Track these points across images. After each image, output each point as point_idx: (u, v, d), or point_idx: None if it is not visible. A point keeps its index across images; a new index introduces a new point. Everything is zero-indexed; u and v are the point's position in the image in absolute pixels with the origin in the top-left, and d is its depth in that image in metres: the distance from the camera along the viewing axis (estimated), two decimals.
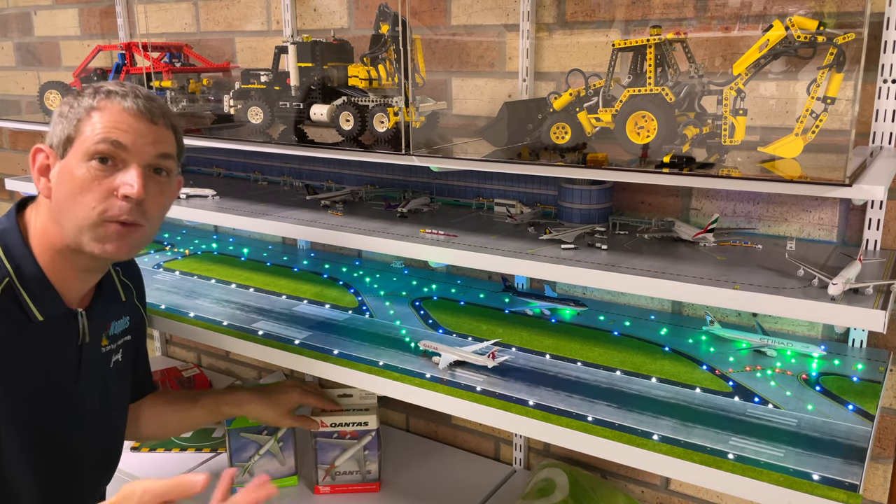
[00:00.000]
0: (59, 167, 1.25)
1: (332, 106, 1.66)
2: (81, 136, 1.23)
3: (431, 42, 1.92)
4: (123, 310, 1.50)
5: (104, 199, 1.22)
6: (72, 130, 1.24)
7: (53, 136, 1.26)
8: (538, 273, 1.41)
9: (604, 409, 1.27)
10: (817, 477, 1.07)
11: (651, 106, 1.29)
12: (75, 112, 1.24)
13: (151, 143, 1.26)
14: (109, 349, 1.44)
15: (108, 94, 1.25)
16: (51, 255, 1.28)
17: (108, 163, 1.23)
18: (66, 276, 1.30)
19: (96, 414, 1.43)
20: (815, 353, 1.47)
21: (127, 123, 1.24)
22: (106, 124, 1.23)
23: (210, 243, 2.36)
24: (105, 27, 2.64)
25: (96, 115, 1.23)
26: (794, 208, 1.56)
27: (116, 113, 1.24)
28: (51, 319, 1.28)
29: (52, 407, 1.32)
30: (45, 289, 1.27)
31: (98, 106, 1.24)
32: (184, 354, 2.84)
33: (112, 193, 1.23)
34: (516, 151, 1.51)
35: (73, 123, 1.24)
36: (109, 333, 1.44)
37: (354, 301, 1.82)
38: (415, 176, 1.98)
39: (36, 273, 1.26)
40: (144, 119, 1.25)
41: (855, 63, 1.14)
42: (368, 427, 1.85)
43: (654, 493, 1.88)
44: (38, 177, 1.28)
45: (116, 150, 1.23)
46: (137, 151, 1.24)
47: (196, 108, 2.05)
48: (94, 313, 1.38)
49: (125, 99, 1.25)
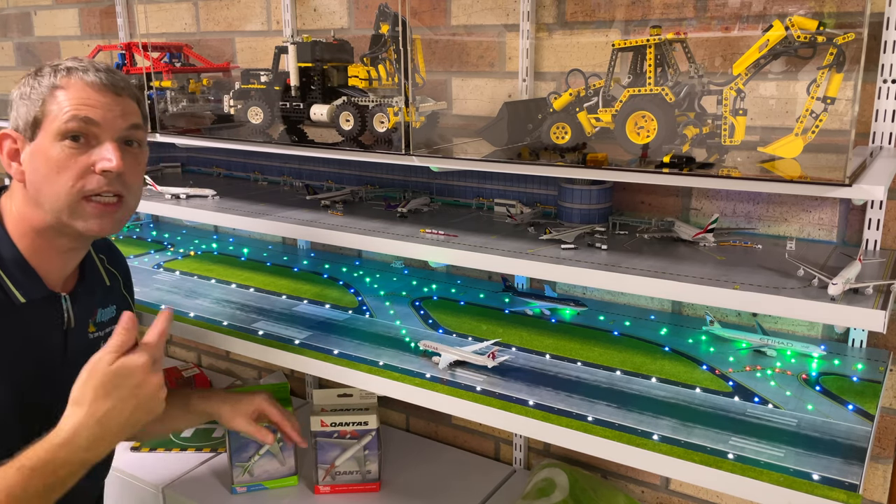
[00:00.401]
0: (30, 150, 1.24)
1: (332, 106, 1.66)
2: (49, 115, 1.22)
3: (431, 42, 1.92)
4: (110, 298, 1.49)
5: (82, 176, 1.23)
6: (38, 111, 1.23)
7: (18, 118, 1.25)
8: (538, 273, 1.41)
9: (604, 409, 1.27)
10: (817, 477, 1.07)
11: (651, 106, 1.29)
12: (38, 92, 1.23)
13: (120, 116, 1.26)
14: (97, 336, 1.44)
15: (68, 70, 1.24)
16: (31, 238, 1.28)
17: (80, 140, 1.23)
18: (46, 258, 1.30)
19: None
20: (815, 353, 1.47)
21: (94, 98, 1.23)
22: (73, 101, 1.22)
23: (210, 243, 2.36)
24: (105, 27, 2.64)
25: (61, 93, 1.22)
26: (794, 208, 1.56)
27: (80, 89, 1.23)
28: (34, 302, 1.29)
29: (42, 391, 1.33)
30: (24, 272, 1.27)
31: (61, 84, 1.23)
32: (184, 354, 2.84)
33: (89, 170, 1.23)
34: (516, 151, 1.51)
35: (37, 104, 1.23)
36: (96, 320, 1.44)
37: (354, 301, 1.82)
38: (415, 176, 1.98)
39: (15, 256, 1.27)
40: (110, 92, 1.25)
41: (855, 63, 1.14)
42: (368, 427, 1.85)
43: (654, 493, 1.88)
44: (9, 162, 1.28)
45: (88, 126, 1.22)
46: (108, 125, 1.24)
47: (196, 108, 2.05)
48: (79, 298, 1.38)
49: (87, 73, 1.24)
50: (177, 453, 2.07)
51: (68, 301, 1.36)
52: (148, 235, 2.49)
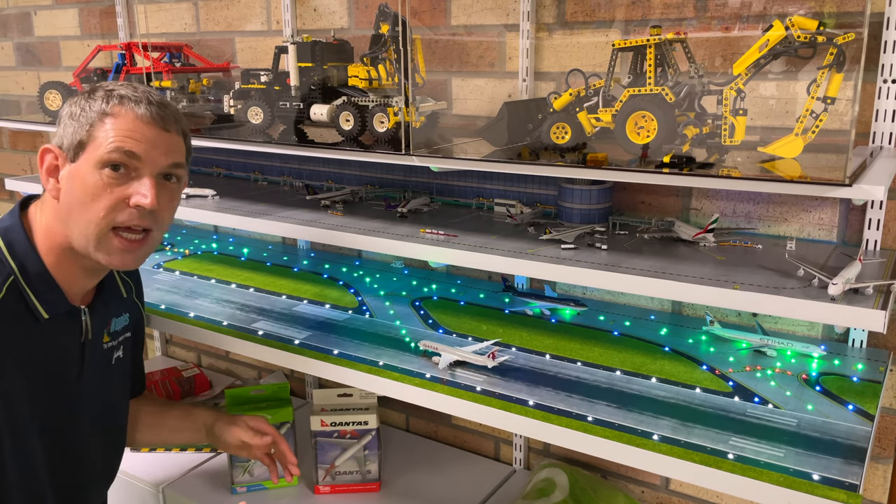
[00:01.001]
0: (70, 170, 1.24)
1: (332, 106, 1.66)
2: (94, 141, 1.21)
3: (431, 42, 1.92)
4: (124, 307, 1.50)
5: (115, 208, 1.22)
6: (84, 135, 1.22)
7: (64, 137, 1.25)
8: (538, 273, 1.41)
9: (604, 409, 1.27)
10: (817, 477, 1.07)
11: (651, 106, 1.29)
12: (87, 116, 1.23)
13: (164, 153, 1.25)
14: (111, 346, 1.45)
15: (121, 99, 1.23)
16: (56, 254, 1.28)
17: (120, 170, 1.22)
18: (70, 274, 1.30)
19: (100, 410, 1.43)
20: (815, 353, 1.47)
21: (140, 132, 1.22)
22: (120, 132, 1.21)
23: (210, 243, 2.36)
24: (105, 27, 2.64)
25: (109, 121, 1.22)
26: (794, 208, 1.56)
27: (130, 121, 1.22)
28: (56, 317, 1.28)
29: (59, 403, 1.33)
30: (49, 287, 1.27)
31: (111, 112, 1.22)
32: (184, 354, 2.84)
33: (124, 202, 1.22)
34: (516, 151, 1.51)
35: (85, 128, 1.22)
36: (110, 330, 1.44)
37: (354, 301, 1.82)
38: (415, 176, 1.98)
39: (41, 271, 1.26)
40: (157, 127, 1.24)
41: (855, 63, 1.14)
42: (368, 426, 1.85)
43: (654, 493, 1.88)
44: (47, 177, 1.27)
45: (130, 159, 1.22)
46: (150, 161, 1.23)
47: (196, 108, 2.05)
48: (96, 310, 1.38)
49: (139, 105, 1.23)
50: (177, 453, 2.07)
51: (87, 314, 1.35)
52: None
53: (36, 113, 2.25)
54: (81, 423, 1.38)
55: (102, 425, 1.45)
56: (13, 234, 1.27)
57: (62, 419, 1.34)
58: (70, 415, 1.36)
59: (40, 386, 1.29)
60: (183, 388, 2.42)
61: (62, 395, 1.33)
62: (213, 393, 2.47)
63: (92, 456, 1.43)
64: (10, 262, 1.24)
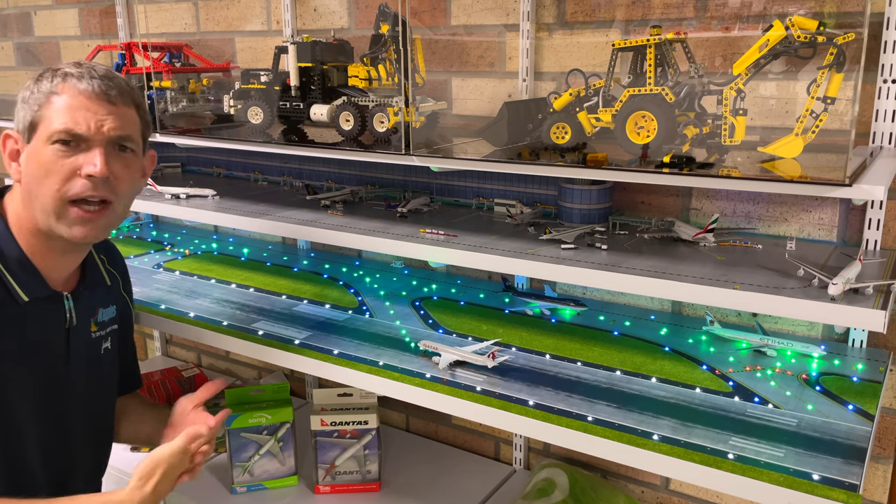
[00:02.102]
0: (27, 151, 1.27)
1: (332, 106, 1.66)
2: (43, 121, 1.25)
3: (431, 42, 1.92)
4: (110, 298, 1.51)
5: (67, 180, 1.24)
6: (34, 116, 1.25)
7: (18, 121, 1.28)
8: (538, 273, 1.41)
9: (604, 409, 1.27)
10: (817, 477, 1.07)
11: (651, 106, 1.29)
12: (36, 97, 1.26)
13: (111, 124, 1.27)
14: (99, 335, 1.46)
15: (64, 76, 1.26)
16: (27, 237, 1.30)
17: (70, 144, 1.24)
18: (46, 257, 1.32)
19: (89, 399, 1.45)
20: (815, 353, 1.47)
21: (84, 106, 1.25)
22: (64, 109, 1.24)
23: (210, 243, 2.36)
24: (105, 27, 2.64)
25: (55, 99, 1.25)
26: (794, 208, 1.56)
27: (73, 96, 1.25)
28: (37, 301, 1.30)
29: (50, 391, 1.34)
30: (27, 270, 1.29)
31: (56, 90, 1.25)
32: (184, 354, 2.84)
33: (75, 173, 1.24)
34: (516, 151, 1.51)
35: (34, 109, 1.26)
36: (98, 320, 1.46)
37: (354, 301, 1.82)
38: (415, 176, 1.98)
39: (18, 255, 1.28)
40: (102, 100, 1.26)
41: (855, 63, 1.14)
42: (368, 426, 1.85)
43: (654, 493, 1.88)
44: (10, 162, 1.31)
45: (76, 133, 1.24)
46: (96, 133, 1.25)
47: (196, 108, 2.05)
48: (80, 297, 1.39)
49: (81, 80, 1.26)
50: None
51: (70, 300, 1.37)
52: (148, 235, 2.49)
53: None
54: (71, 411, 1.40)
55: (92, 414, 1.46)
56: None
57: (52, 406, 1.36)
58: (60, 401, 1.37)
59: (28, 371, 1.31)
60: (183, 388, 2.42)
61: (51, 381, 1.35)
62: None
63: (82, 445, 1.44)
64: None
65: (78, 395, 1.40)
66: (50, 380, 1.35)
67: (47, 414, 1.35)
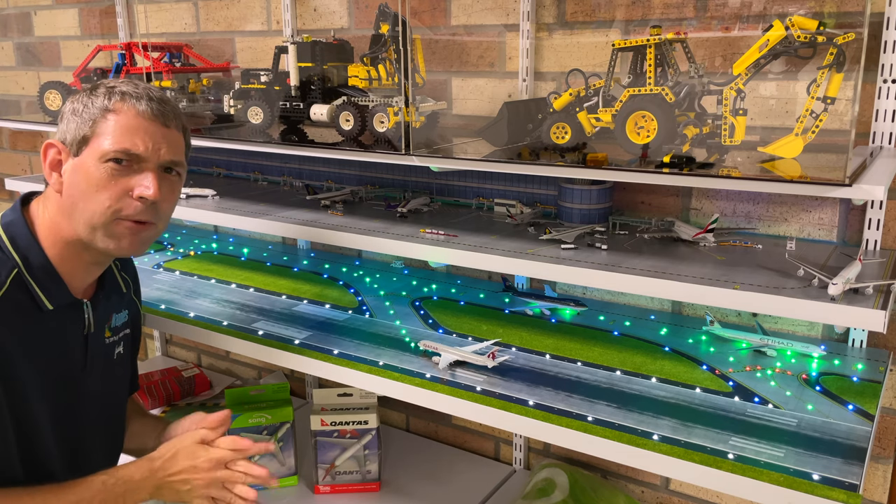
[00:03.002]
0: (73, 164, 1.27)
1: (332, 106, 1.66)
2: (97, 137, 1.25)
3: (431, 42, 1.92)
4: (123, 303, 1.52)
5: (119, 199, 1.26)
6: (87, 130, 1.26)
7: (67, 132, 1.28)
8: (538, 273, 1.41)
9: (604, 409, 1.27)
10: (817, 477, 1.07)
11: (651, 106, 1.29)
12: (90, 112, 1.26)
13: (164, 147, 1.29)
14: (112, 341, 1.47)
15: (122, 95, 1.27)
16: (60, 247, 1.30)
17: (123, 163, 1.26)
18: (73, 267, 1.32)
19: (103, 404, 1.45)
20: (815, 353, 1.47)
21: (142, 128, 1.26)
22: (122, 128, 1.25)
23: (210, 243, 2.36)
24: (105, 27, 2.64)
25: (112, 117, 1.26)
26: (794, 208, 1.56)
27: (132, 117, 1.26)
28: (59, 309, 1.31)
29: (66, 395, 1.35)
30: (52, 279, 1.30)
31: (113, 108, 1.26)
32: (184, 354, 2.84)
33: (127, 193, 1.26)
34: (516, 151, 1.51)
35: (88, 123, 1.26)
36: (112, 325, 1.47)
37: (354, 301, 1.82)
38: (415, 176, 1.98)
39: (44, 264, 1.29)
40: (158, 123, 1.28)
41: (855, 63, 1.14)
42: (368, 426, 1.85)
43: (654, 493, 1.88)
44: (50, 172, 1.31)
45: (132, 154, 1.26)
46: (152, 155, 1.27)
47: (196, 108, 2.05)
48: (99, 304, 1.40)
49: (140, 102, 1.27)
50: None
51: (90, 307, 1.38)
52: None
53: (36, 113, 2.25)
54: (86, 417, 1.40)
55: (105, 419, 1.47)
56: (16, 228, 1.30)
57: (69, 413, 1.36)
58: (76, 408, 1.38)
59: (47, 377, 1.31)
60: (183, 388, 2.42)
61: (68, 386, 1.36)
62: (213, 393, 2.47)
63: (96, 449, 1.45)
64: (14, 256, 1.27)
65: (92, 400, 1.41)
66: (67, 386, 1.35)
67: (65, 418, 1.35)
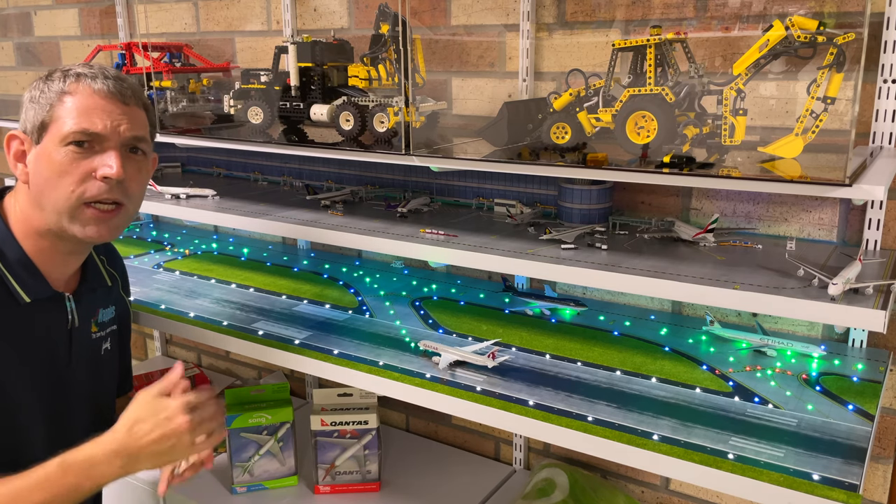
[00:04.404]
0: (36, 152, 1.26)
1: (332, 106, 1.66)
2: (56, 121, 1.23)
3: (431, 42, 1.92)
4: (110, 299, 1.51)
5: (83, 181, 1.23)
6: (45, 116, 1.24)
7: (27, 121, 1.27)
8: (538, 273, 1.41)
9: (604, 409, 1.27)
10: (817, 477, 1.07)
11: (651, 106, 1.29)
12: (46, 97, 1.25)
13: (125, 125, 1.26)
14: (99, 336, 1.46)
15: (77, 76, 1.25)
16: (34, 239, 1.29)
17: (84, 146, 1.23)
18: (49, 258, 1.31)
19: (90, 400, 1.45)
20: (815, 353, 1.47)
21: (100, 107, 1.24)
22: (79, 109, 1.23)
23: (210, 243, 2.36)
24: (105, 27, 2.64)
25: (68, 98, 1.23)
26: (794, 208, 1.56)
27: (88, 96, 1.24)
28: (38, 302, 1.30)
29: (52, 391, 1.34)
30: (29, 272, 1.29)
31: (69, 90, 1.24)
32: (184, 354, 2.84)
33: (90, 175, 1.24)
34: (516, 151, 1.51)
35: (45, 109, 1.24)
36: (98, 320, 1.46)
37: (354, 301, 1.82)
38: (415, 176, 1.98)
39: (20, 257, 1.28)
40: (116, 100, 1.26)
41: (855, 63, 1.14)
42: (368, 426, 1.85)
43: (654, 493, 1.88)
44: (15, 163, 1.29)
45: (92, 134, 1.23)
46: (112, 134, 1.25)
47: (196, 108, 2.05)
48: (82, 298, 1.39)
49: (95, 81, 1.25)
50: None
51: (72, 301, 1.36)
52: (148, 235, 2.49)
53: None
54: (74, 411, 1.40)
55: (93, 415, 1.46)
56: None
57: (56, 406, 1.35)
58: (63, 402, 1.37)
59: (30, 371, 1.30)
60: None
61: (54, 382, 1.35)
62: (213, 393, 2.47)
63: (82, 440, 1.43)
64: None
65: (79, 396, 1.40)
66: (53, 381, 1.35)
67: (51, 414, 1.34)
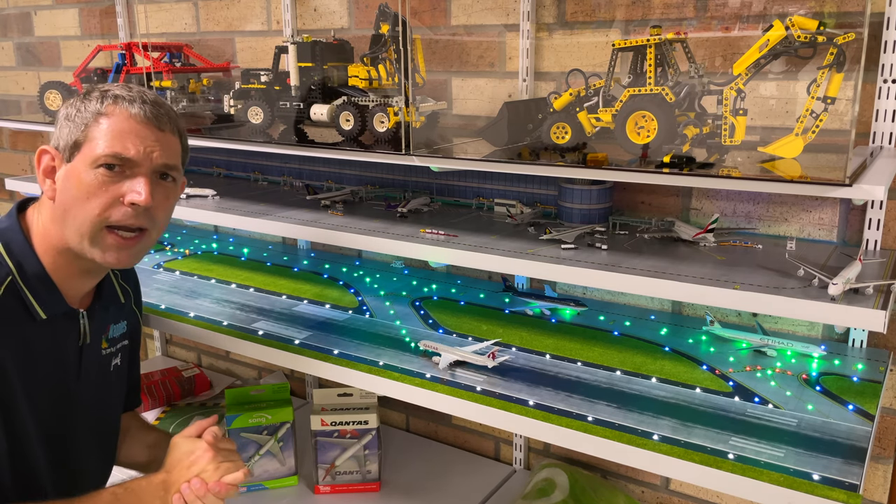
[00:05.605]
0: (66, 170, 1.24)
1: (332, 106, 1.66)
2: (89, 142, 1.22)
3: (431, 42, 1.92)
4: (121, 314, 1.49)
5: (110, 206, 1.22)
6: (79, 135, 1.23)
7: (60, 138, 1.26)
8: (538, 273, 1.41)
9: (604, 409, 1.27)
10: (817, 477, 1.07)
11: (651, 106, 1.29)
12: (82, 116, 1.23)
13: (158, 152, 1.25)
14: (109, 352, 1.44)
15: (115, 99, 1.24)
16: (53, 255, 1.28)
17: (115, 169, 1.22)
18: (67, 275, 1.30)
19: (97, 417, 1.43)
20: (815, 353, 1.47)
21: (134, 131, 1.23)
22: (114, 132, 1.22)
23: (210, 243, 2.36)
24: (105, 27, 2.64)
25: (104, 120, 1.22)
26: (794, 208, 1.56)
27: (124, 120, 1.23)
28: (53, 318, 1.29)
29: (57, 407, 1.33)
30: (47, 288, 1.27)
31: (105, 111, 1.23)
32: (184, 354, 2.84)
33: (118, 200, 1.23)
34: (516, 151, 1.51)
35: (80, 128, 1.23)
36: (109, 336, 1.44)
37: (354, 301, 1.82)
38: (415, 176, 1.98)
39: (38, 272, 1.26)
40: (151, 126, 1.25)
41: (855, 63, 1.14)
42: (369, 426, 1.85)
43: (654, 493, 1.88)
44: (44, 178, 1.28)
45: (124, 158, 1.22)
46: (144, 159, 1.24)
47: (196, 108, 2.05)
48: (95, 314, 1.38)
49: (132, 105, 1.24)
50: None
51: (85, 317, 1.35)
52: None
53: (36, 113, 2.25)
54: (79, 429, 1.38)
55: (99, 431, 1.45)
56: (11, 235, 1.27)
57: (60, 424, 1.34)
58: (68, 419, 1.35)
59: (39, 388, 1.29)
60: (183, 388, 2.42)
61: (60, 398, 1.33)
62: (213, 393, 2.47)
63: (88, 463, 1.43)
64: (8, 263, 1.24)
65: (85, 411, 1.39)
66: (60, 396, 1.33)
67: (56, 429, 1.33)
